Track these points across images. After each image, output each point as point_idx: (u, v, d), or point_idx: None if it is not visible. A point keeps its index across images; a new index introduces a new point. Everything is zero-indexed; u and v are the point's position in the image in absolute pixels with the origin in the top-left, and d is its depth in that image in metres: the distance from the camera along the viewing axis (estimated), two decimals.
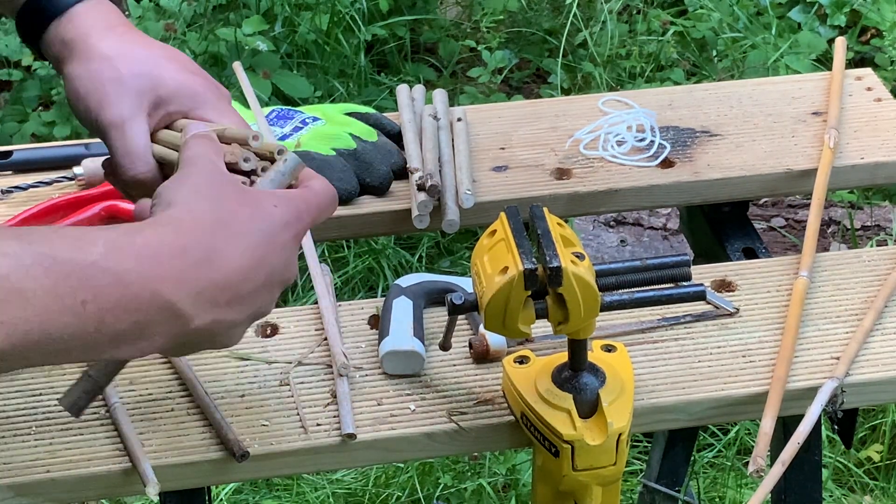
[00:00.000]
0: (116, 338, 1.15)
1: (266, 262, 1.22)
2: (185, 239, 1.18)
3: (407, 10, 3.95)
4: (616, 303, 1.42)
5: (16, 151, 1.84)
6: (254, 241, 1.21)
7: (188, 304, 1.17)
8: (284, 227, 1.24)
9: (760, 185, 1.85)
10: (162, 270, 1.16)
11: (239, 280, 1.20)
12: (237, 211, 1.22)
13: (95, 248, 1.14)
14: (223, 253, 1.19)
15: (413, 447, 1.48)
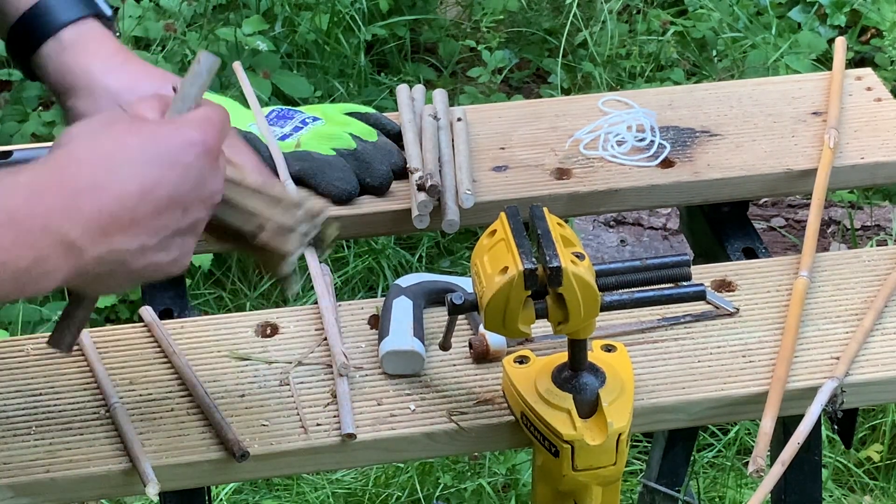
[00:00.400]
0: (18, 275, 1.16)
1: (164, 183, 1.21)
2: (64, 172, 1.20)
3: (407, 10, 3.95)
4: (616, 303, 1.42)
5: (16, 151, 1.84)
6: (144, 166, 1.21)
7: (78, 233, 1.18)
8: (189, 145, 1.23)
9: (760, 185, 1.85)
10: (48, 204, 1.17)
11: (131, 206, 1.20)
12: (125, 140, 1.23)
13: None
14: (106, 181, 1.20)
15: (413, 447, 1.48)
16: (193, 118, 1.27)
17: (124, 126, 1.25)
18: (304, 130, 1.85)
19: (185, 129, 1.25)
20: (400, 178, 1.80)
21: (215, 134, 1.26)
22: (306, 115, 1.88)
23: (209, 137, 1.26)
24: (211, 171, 1.26)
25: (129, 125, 1.25)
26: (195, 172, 1.24)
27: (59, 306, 3.07)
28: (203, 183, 1.25)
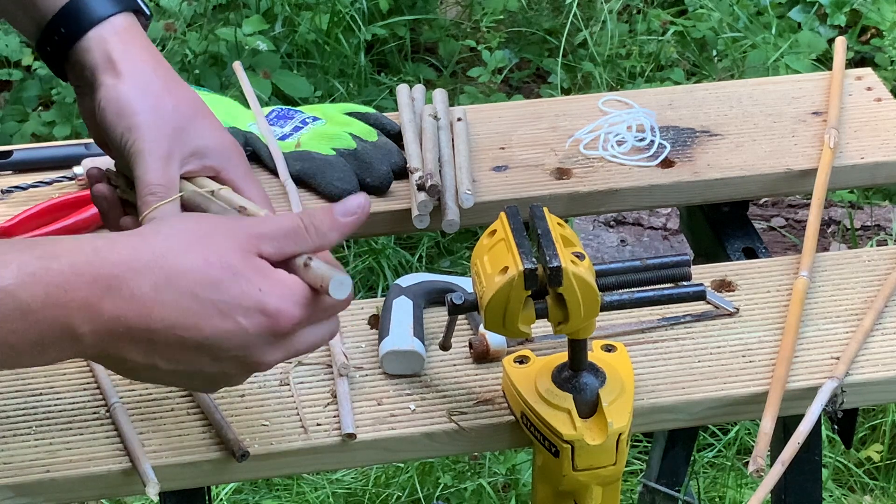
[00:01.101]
0: (17, 356, 1.15)
1: (204, 328, 1.14)
2: (106, 271, 1.15)
3: (407, 10, 3.95)
4: (616, 303, 1.42)
5: (16, 151, 1.84)
6: (194, 302, 1.14)
7: (86, 331, 1.15)
8: (256, 311, 1.15)
9: (760, 185, 1.85)
10: (66, 300, 1.14)
11: (154, 328, 1.14)
12: (200, 269, 1.15)
13: (8, 272, 1.14)
14: (140, 295, 1.14)
15: (413, 447, 1.48)
16: (291, 291, 1.17)
17: (215, 252, 1.16)
18: (304, 130, 1.85)
19: (268, 296, 1.16)
20: (400, 178, 1.80)
21: (296, 318, 1.17)
22: (306, 115, 1.88)
23: (285, 319, 1.16)
24: (268, 346, 1.17)
25: (222, 254, 1.16)
26: (246, 338, 1.16)
27: None
28: (250, 352, 1.17)
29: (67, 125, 3.45)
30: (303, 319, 1.19)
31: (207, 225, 1.21)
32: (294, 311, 1.18)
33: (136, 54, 1.39)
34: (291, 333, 1.19)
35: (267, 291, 1.17)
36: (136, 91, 1.37)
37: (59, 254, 1.15)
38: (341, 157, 1.79)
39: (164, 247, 1.17)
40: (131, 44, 1.39)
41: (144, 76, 1.38)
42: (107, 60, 1.38)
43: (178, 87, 1.39)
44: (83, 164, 1.78)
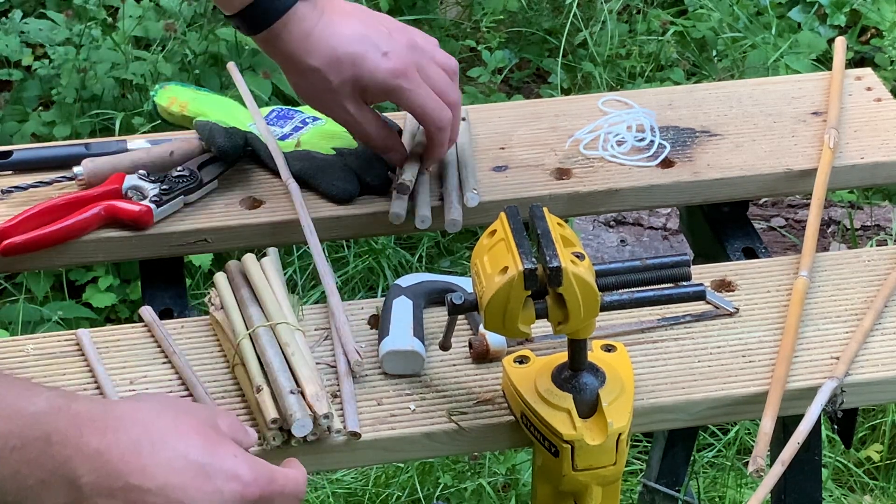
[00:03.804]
0: (21, 492, 1.17)
1: (186, 490, 1.20)
2: (113, 423, 1.20)
3: (407, 10, 3.95)
4: (616, 303, 1.42)
5: (16, 151, 1.84)
6: (185, 463, 1.21)
7: (87, 481, 1.18)
8: (231, 477, 1.22)
9: (760, 185, 1.85)
10: (79, 440, 1.18)
11: (148, 486, 1.19)
12: (187, 434, 1.23)
13: (39, 400, 1.19)
14: (142, 452, 1.19)
15: (413, 447, 1.48)
16: (257, 464, 1.26)
17: (192, 421, 1.25)
18: (304, 130, 1.85)
19: (240, 465, 1.24)
20: None
21: (263, 490, 1.24)
22: (306, 114, 1.88)
23: (254, 487, 1.24)
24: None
25: (198, 424, 1.25)
26: (219, 501, 1.21)
27: (58, 306, 3.07)
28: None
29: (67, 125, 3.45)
30: (265, 493, 1.25)
31: (177, 400, 1.34)
32: (261, 481, 1.25)
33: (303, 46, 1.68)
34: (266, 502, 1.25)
35: (240, 459, 1.25)
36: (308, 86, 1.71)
37: (76, 397, 1.22)
38: (341, 156, 1.79)
39: (153, 410, 1.25)
40: (299, 37, 1.67)
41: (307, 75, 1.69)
42: (280, 59, 1.70)
43: (341, 48, 1.67)
44: (83, 165, 1.78)
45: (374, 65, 1.66)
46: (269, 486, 1.25)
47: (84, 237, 1.71)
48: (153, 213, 1.72)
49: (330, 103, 1.70)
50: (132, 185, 1.75)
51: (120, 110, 3.45)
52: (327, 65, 1.66)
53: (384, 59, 1.66)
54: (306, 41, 1.66)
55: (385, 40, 1.68)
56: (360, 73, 1.66)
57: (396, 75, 1.66)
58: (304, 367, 1.45)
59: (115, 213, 1.72)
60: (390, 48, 1.67)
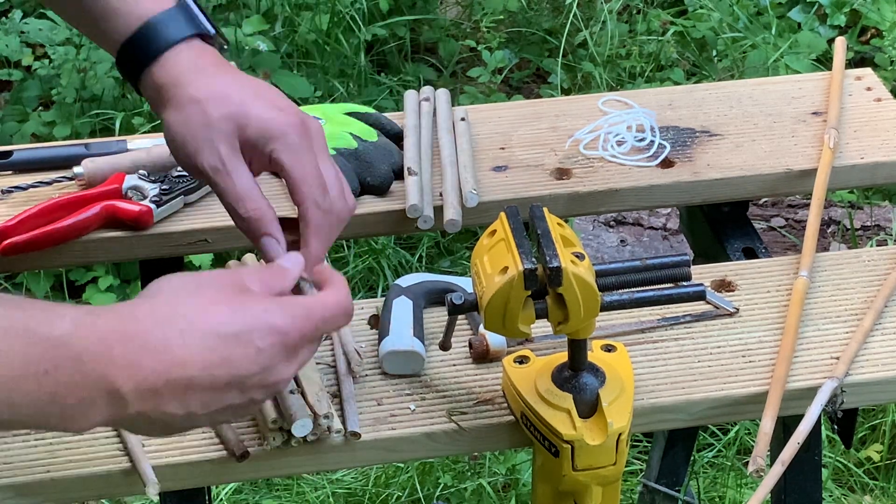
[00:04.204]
0: (65, 412, 1.16)
1: (231, 363, 1.20)
2: (138, 325, 1.19)
3: (407, 10, 3.95)
4: (616, 303, 1.42)
5: (16, 151, 1.84)
6: (216, 339, 1.19)
7: (129, 388, 1.17)
8: (268, 332, 1.21)
9: (760, 185, 1.85)
10: (111, 354, 1.17)
11: (189, 375, 1.18)
12: (207, 308, 1.21)
13: (63, 322, 1.17)
14: (175, 345, 1.18)
15: (413, 447, 1.48)
16: (290, 305, 1.24)
17: (213, 293, 1.23)
18: None
19: (273, 314, 1.22)
20: (400, 178, 1.80)
21: (303, 329, 1.23)
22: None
23: (293, 331, 1.23)
24: (282, 362, 1.23)
25: (218, 293, 1.23)
26: (265, 359, 1.21)
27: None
28: (269, 371, 1.22)
29: (67, 125, 3.45)
30: (308, 330, 1.24)
31: (195, 277, 1.27)
32: (298, 322, 1.23)
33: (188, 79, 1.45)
34: (300, 345, 1.24)
35: (271, 311, 1.23)
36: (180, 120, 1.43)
37: (99, 312, 1.20)
38: (342, 156, 1.79)
39: (171, 300, 1.22)
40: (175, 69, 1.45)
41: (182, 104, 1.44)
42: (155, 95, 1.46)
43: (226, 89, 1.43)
44: (83, 165, 1.78)
45: (263, 108, 1.42)
46: (309, 323, 1.24)
47: (84, 237, 1.71)
48: (153, 213, 1.72)
49: (202, 142, 1.42)
50: (132, 185, 1.75)
51: (120, 110, 3.45)
52: (211, 97, 1.43)
53: (276, 110, 1.43)
54: (196, 73, 1.45)
55: (282, 100, 1.45)
56: (247, 110, 1.42)
57: (288, 124, 1.41)
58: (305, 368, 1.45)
59: (115, 213, 1.72)
60: (287, 107, 1.44)
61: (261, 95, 1.43)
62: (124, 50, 1.47)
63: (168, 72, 1.45)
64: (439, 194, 1.77)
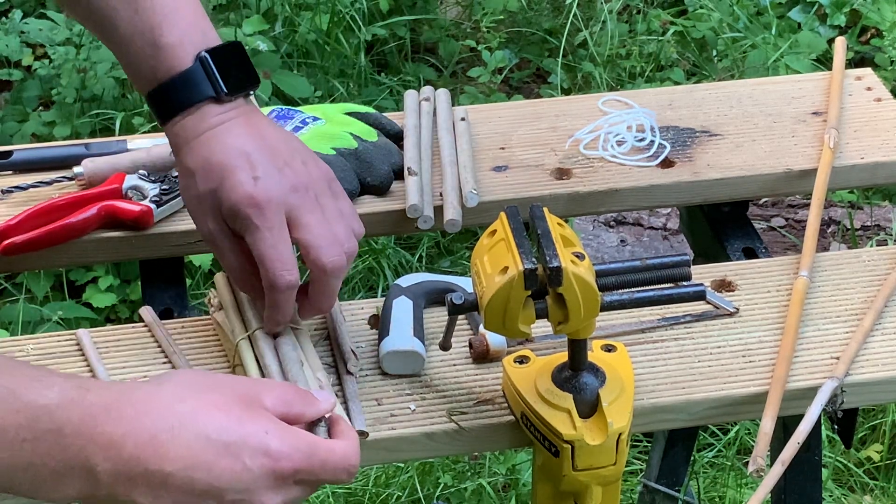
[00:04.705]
0: (36, 482, 1.16)
1: (211, 470, 1.17)
2: (127, 410, 1.18)
3: (407, 10, 3.95)
4: (616, 303, 1.42)
5: (16, 151, 1.84)
6: (206, 443, 1.18)
7: (104, 469, 1.16)
8: (261, 453, 1.19)
9: (760, 185, 1.85)
10: (93, 432, 1.17)
11: (169, 470, 1.17)
12: (209, 412, 1.19)
13: (51, 392, 1.17)
14: (160, 438, 1.17)
15: (413, 447, 1.48)
16: (294, 436, 1.22)
17: (218, 398, 1.21)
18: (305, 130, 1.85)
19: (272, 438, 1.20)
20: (400, 178, 1.80)
21: (298, 465, 1.20)
22: (306, 115, 1.88)
23: (287, 462, 1.20)
24: (267, 490, 1.19)
25: (225, 400, 1.21)
26: (248, 479, 1.18)
27: (58, 306, 3.07)
28: (250, 494, 1.19)
29: (67, 125, 3.45)
30: (303, 467, 1.21)
31: (210, 378, 1.27)
32: (296, 455, 1.21)
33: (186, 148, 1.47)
34: (291, 479, 1.21)
35: (272, 433, 1.20)
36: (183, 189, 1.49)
37: (91, 387, 1.20)
38: (342, 156, 1.79)
39: (174, 394, 1.21)
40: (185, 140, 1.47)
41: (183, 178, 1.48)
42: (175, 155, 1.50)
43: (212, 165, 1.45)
44: (83, 165, 1.78)
45: (234, 183, 1.43)
46: (309, 461, 1.21)
47: (84, 237, 1.71)
48: (153, 213, 1.72)
49: (196, 211, 1.47)
50: (132, 185, 1.75)
51: (120, 110, 3.45)
52: (200, 169, 1.45)
53: (248, 182, 1.42)
54: (194, 141, 1.46)
55: (265, 166, 1.44)
56: (221, 187, 1.43)
57: (250, 204, 1.42)
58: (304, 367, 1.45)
59: (115, 213, 1.72)
60: (265, 174, 1.43)
61: (245, 163, 1.44)
62: (150, 101, 1.49)
63: (175, 136, 1.48)
64: (439, 194, 1.77)
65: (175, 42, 1.46)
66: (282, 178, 1.44)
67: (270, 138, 1.47)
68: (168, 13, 1.47)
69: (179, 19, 1.47)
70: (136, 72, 1.49)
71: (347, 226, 1.46)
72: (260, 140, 1.46)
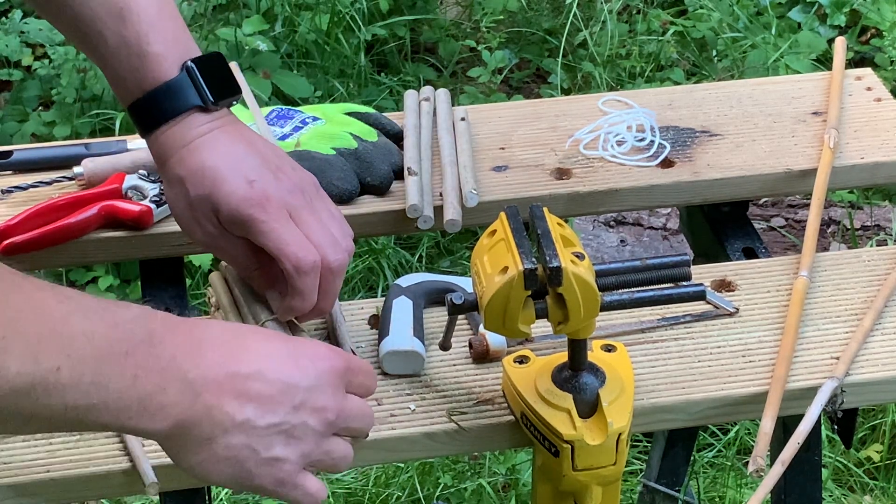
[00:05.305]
0: (143, 400, 1.19)
1: (284, 371, 1.26)
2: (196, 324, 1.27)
3: (407, 10, 3.95)
4: (616, 303, 1.42)
5: (16, 151, 1.84)
6: (271, 350, 1.27)
7: (197, 374, 1.22)
8: (316, 356, 1.29)
9: (760, 185, 1.85)
10: (176, 340, 1.22)
11: (246, 373, 1.24)
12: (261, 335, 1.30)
13: (132, 308, 1.22)
14: (233, 345, 1.25)
15: (413, 447, 1.48)
16: (333, 349, 1.33)
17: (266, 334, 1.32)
18: (304, 130, 1.85)
19: (323, 348, 1.31)
20: (400, 179, 1.80)
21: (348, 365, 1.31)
22: (306, 114, 1.88)
23: (340, 363, 1.30)
24: (331, 388, 1.29)
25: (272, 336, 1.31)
26: (314, 376, 1.27)
27: None
28: (319, 391, 1.28)
29: (67, 125, 3.45)
30: (351, 366, 1.32)
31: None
32: (343, 357, 1.32)
33: (175, 157, 1.48)
34: (345, 379, 1.31)
35: (317, 344, 1.33)
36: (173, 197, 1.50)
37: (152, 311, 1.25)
38: (341, 156, 1.79)
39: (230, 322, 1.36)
40: (172, 149, 1.49)
41: (173, 186, 1.49)
42: (160, 165, 1.51)
43: (204, 167, 1.47)
44: (83, 165, 1.78)
45: (231, 188, 1.45)
46: (350, 363, 1.31)
47: (84, 237, 1.71)
48: (153, 213, 1.72)
49: (187, 218, 1.49)
50: (132, 185, 1.75)
51: (120, 110, 3.45)
52: (191, 176, 1.46)
53: (244, 186, 1.45)
54: (183, 149, 1.47)
55: (258, 170, 1.47)
56: (217, 193, 1.45)
57: (251, 204, 1.44)
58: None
59: (115, 213, 1.72)
60: (260, 178, 1.46)
61: (237, 168, 1.46)
62: (134, 112, 1.50)
63: (161, 145, 1.49)
64: (439, 194, 1.77)
65: (161, 52, 1.48)
66: (277, 181, 1.46)
67: (259, 146, 1.50)
68: (154, 24, 1.48)
69: (164, 30, 1.49)
70: (120, 83, 1.49)
71: (341, 226, 1.49)
72: (250, 146, 1.48)
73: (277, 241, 1.44)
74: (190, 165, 1.46)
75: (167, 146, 1.48)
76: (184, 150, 1.47)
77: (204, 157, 1.46)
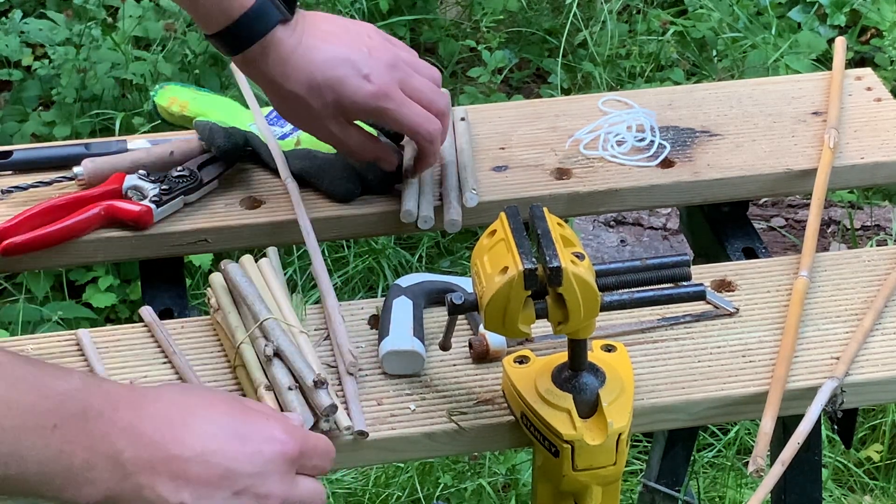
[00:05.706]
0: (69, 474, 1.17)
1: (228, 454, 1.23)
2: (142, 397, 1.24)
3: (407, 10, 3.95)
4: (616, 303, 1.42)
5: (16, 151, 1.84)
6: (218, 429, 1.24)
7: (128, 456, 1.19)
8: (267, 437, 1.26)
9: (760, 185, 1.85)
10: (114, 416, 1.20)
11: (186, 456, 1.21)
12: (215, 405, 1.27)
13: (73, 378, 1.20)
14: (175, 423, 1.22)
15: (413, 447, 1.48)
16: (289, 425, 1.30)
17: (223, 398, 1.30)
18: None
19: (278, 429, 1.28)
20: (400, 179, 1.80)
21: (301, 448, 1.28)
22: None
23: (292, 446, 1.27)
24: (278, 475, 1.26)
25: (231, 400, 1.30)
26: (261, 461, 1.25)
27: (58, 306, 3.07)
28: (264, 478, 1.25)
29: (67, 125, 3.45)
30: (304, 450, 1.29)
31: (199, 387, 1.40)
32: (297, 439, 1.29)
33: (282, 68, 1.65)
34: (296, 463, 1.28)
35: (273, 421, 1.30)
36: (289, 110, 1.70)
37: (105, 379, 1.28)
38: (342, 156, 1.79)
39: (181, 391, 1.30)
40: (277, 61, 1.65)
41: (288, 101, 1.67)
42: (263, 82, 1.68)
43: (315, 73, 1.64)
44: (83, 165, 1.78)
45: (354, 89, 1.64)
46: (305, 444, 1.29)
47: (84, 237, 1.71)
48: (153, 213, 1.72)
49: (313, 125, 1.69)
50: (132, 185, 1.75)
51: (120, 110, 3.45)
52: (307, 90, 1.64)
53: (365, 82, 1.64)
54: (284, 66, 1.64)
55: (365, 61, 1.65)
56: (341, 97, 1.64)
57: (378, 97, 1.65)
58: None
59: (115, 213, 1.72)
60: (371, 69, 1.65)
61: (349, 69, 1.64)
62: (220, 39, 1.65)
63: (256, 64, 1.65)
64: (439, 194, 1.77)
65: None
66: (380, 63, 1.65)
67: (344, 33, 1.68)
68: None
69: None
70: (206, 14, 1.64)
71: (431, 74, 1.71)
72: (338, 40, 1.66)
73: (410, 123, 1.67)
74: (302, 81, 1.64)
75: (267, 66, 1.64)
76: (287, 67, 1.63)
77: (313, 70, 1.63)
